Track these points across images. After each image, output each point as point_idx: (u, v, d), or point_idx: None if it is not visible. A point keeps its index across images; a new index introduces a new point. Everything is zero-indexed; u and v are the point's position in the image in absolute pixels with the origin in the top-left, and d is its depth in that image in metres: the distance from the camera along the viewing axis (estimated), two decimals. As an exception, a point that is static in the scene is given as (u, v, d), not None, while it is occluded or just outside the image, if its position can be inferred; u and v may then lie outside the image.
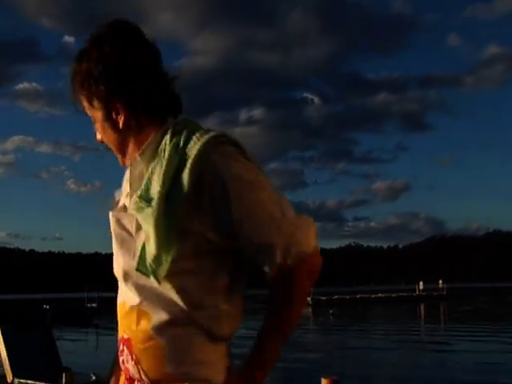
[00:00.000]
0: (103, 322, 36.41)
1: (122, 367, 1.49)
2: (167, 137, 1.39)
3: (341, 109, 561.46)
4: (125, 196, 1.50)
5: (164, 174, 1.33)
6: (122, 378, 1.52)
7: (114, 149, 1.49)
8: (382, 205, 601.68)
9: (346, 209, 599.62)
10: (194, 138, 1.35)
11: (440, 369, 15.24)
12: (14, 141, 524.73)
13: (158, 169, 1.36)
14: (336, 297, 69.00)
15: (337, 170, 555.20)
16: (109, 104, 1.42)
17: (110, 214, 1.49)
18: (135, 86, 1.40)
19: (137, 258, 1.37)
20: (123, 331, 1.46)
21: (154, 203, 1.33)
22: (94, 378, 4.51)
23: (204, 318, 1.37)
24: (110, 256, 1.54)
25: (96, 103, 1.43)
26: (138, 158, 1.43)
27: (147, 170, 1.40)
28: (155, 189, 1.34)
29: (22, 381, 4.33)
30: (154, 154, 1.40)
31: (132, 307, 1.43)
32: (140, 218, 1.36)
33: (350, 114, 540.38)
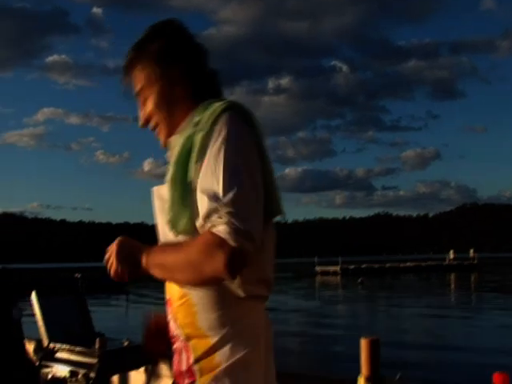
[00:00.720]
0: (133, 290, 37.02)
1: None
2: (196, 112, 1.51)
3: (370, 76, 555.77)
4: None
5: (181, 143, 1.47)
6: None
7: (162, 126, 1.60)
8: (411, 173, 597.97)
9: (374, 177, 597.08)
10: (211, 108, 1.46)
11: (468, 340, 15.22)
12: (44, 112, 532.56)
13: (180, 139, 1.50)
14: (364, 265, 68.70)
15: (365, 139, 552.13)
16: (167, 77, 1.57)
17: (153, 188, 1.60)
18: (190, 64, 1.58)
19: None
20: (167, 293, 1.58)
21: (170, 166, 1.48)
22: (126, 343, 4.61)
23: None
24: (138, 225, 1.61)
25: (153, 78, 1.58)
26: (176, 135, 1.55)
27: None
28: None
29: (57, 345, 4.44)
30: (186, 128, 1.52)
31: None
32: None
33: (379, 81, 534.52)
